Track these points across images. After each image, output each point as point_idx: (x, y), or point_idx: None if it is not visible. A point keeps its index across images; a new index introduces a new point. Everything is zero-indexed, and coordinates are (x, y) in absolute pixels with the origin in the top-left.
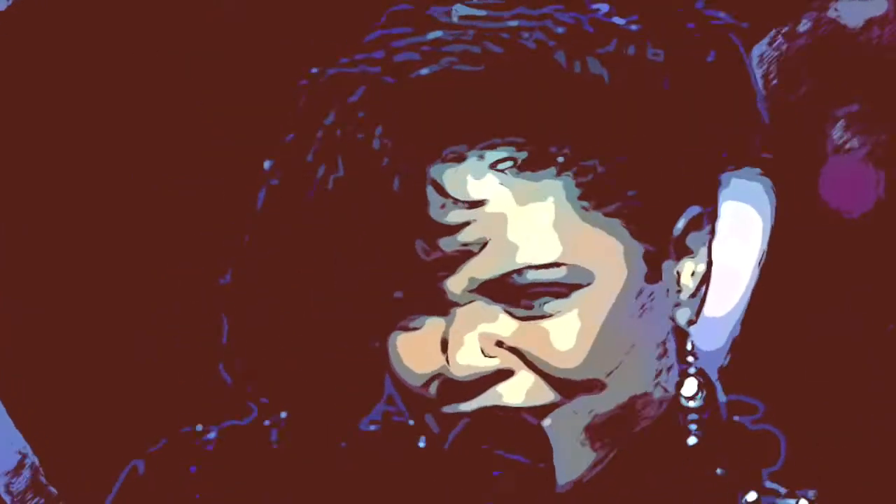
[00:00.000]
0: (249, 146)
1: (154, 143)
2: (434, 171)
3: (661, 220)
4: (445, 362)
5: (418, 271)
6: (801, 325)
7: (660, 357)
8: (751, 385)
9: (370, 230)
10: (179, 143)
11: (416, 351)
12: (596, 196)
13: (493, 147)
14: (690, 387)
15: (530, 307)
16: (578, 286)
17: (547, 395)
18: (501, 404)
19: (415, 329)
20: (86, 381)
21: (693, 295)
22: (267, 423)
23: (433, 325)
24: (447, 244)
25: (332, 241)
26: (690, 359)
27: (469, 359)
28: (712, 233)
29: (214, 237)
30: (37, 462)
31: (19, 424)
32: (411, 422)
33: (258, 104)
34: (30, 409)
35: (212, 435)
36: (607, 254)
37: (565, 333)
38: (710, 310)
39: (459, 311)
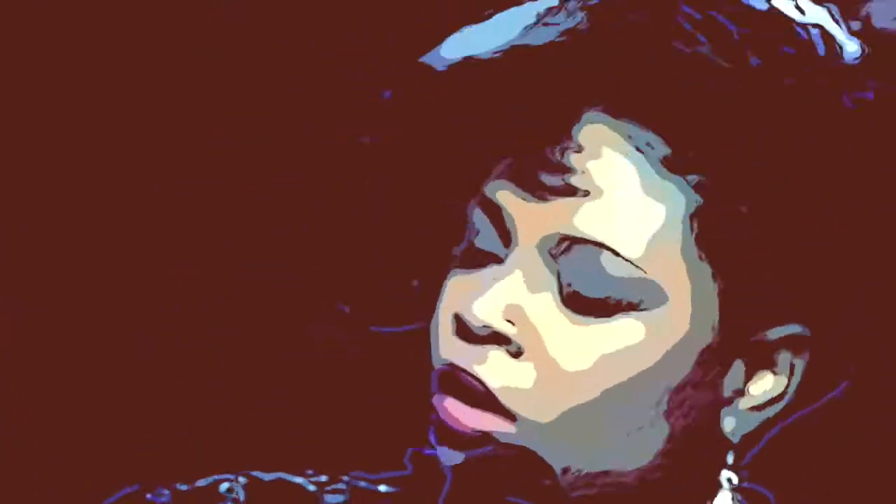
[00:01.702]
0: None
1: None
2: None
3: (755, 302)
4: (467, 305)
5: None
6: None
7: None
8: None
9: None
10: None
11: (459, 290)
12: (703, 232)
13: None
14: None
15: (582, 298)
16: (637, 307)
17: (538, 410)
18: (485, 380)
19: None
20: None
21: (755, 409)
22: (224, 487)
23: (487, 271)
24: (553, 180)
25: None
26: (727, 474)
27: (484, 311)
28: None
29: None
30: None
31: None
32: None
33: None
34: None
35: (163, 500)
36: (684, 293)
37: (594, 348)
38: None
39: (515, 260)
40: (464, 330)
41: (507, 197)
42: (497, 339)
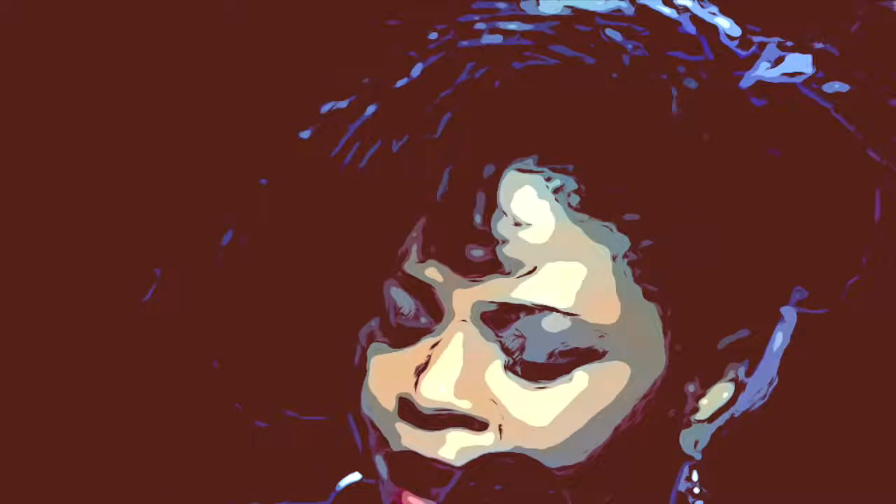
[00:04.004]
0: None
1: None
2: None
3: (702, 324)
4: (414, 387)
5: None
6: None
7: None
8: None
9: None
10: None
11: (393, 368)
12: (643, 271)
13: (570, 179)
14: None
15: (530, 362)
16: (595, 356)
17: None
18: (450, 461)
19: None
20: None
21: (709, 420)
22: None
23: (424, 344)
24: (481, 253)
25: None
26: (694, 489)
27: (435, 392)
28: (751, 364)
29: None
30: None
31: None
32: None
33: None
34: None
35: None
36: (646, 336)
37: (557, 402)
38: None
39: (455, 336)
40: (414, 415)
41: (436, 273)
42: (456, 420)
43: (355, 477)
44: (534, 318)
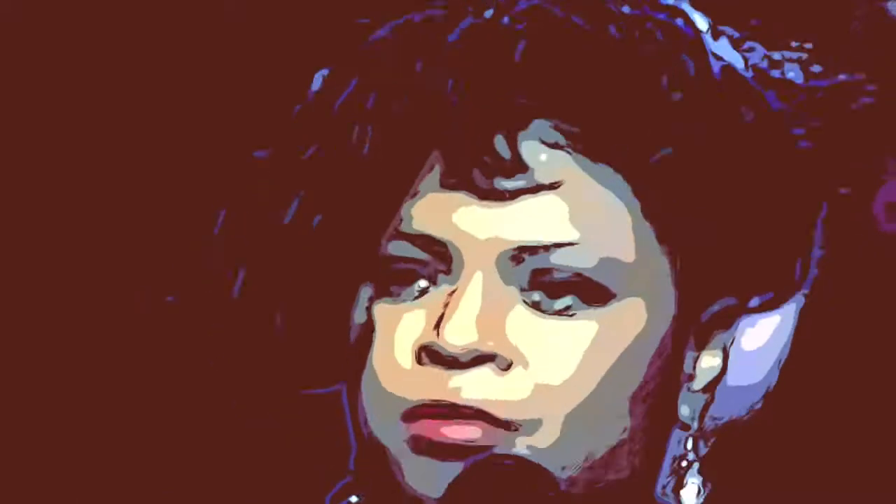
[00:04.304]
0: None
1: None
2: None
3: (700, 282)
4: (435, 335)
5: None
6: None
7: (648, 431)
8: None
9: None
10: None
11: (406, 323)
12: (658, 219)
13: (570, 123)
14: (690, 492)
15: (549, 301)
16: (609, 297)
17: (530, 411)
18: (473, 404)
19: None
20: None
21: (703, 390)
22: None
23: (434, 296)
24: (508, 183)
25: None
26: (691, 456)
27: (462, 336)
28: (735, 334)
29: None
30: None
31: None
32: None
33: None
34: None
35: None
36: (659, 283)
37: (574, 351)
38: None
39: (474, 279)
40: (439, 359)
41: (444, 217)
42: (481, 359)
43: (353, 500)
44: (552, 257)
